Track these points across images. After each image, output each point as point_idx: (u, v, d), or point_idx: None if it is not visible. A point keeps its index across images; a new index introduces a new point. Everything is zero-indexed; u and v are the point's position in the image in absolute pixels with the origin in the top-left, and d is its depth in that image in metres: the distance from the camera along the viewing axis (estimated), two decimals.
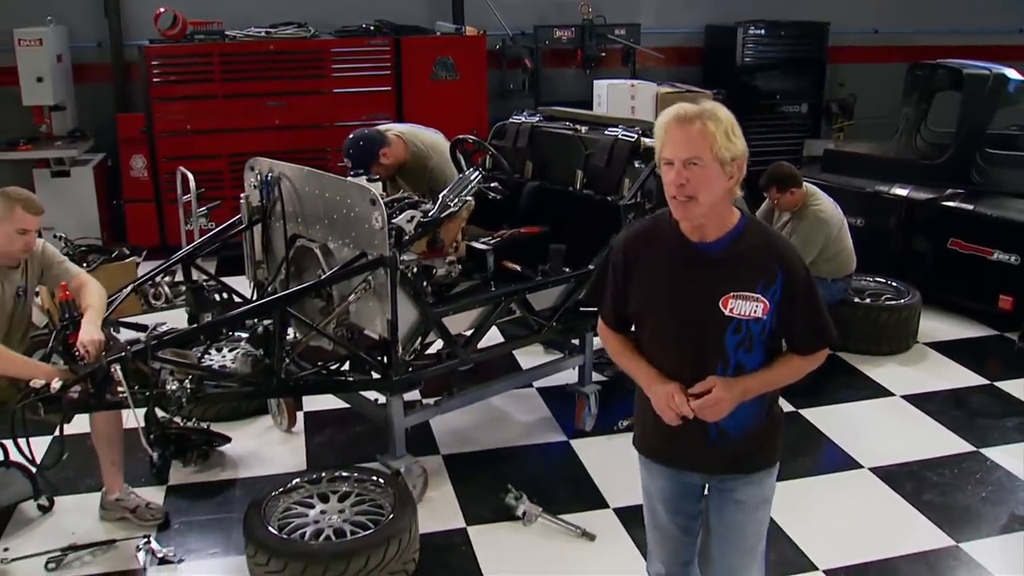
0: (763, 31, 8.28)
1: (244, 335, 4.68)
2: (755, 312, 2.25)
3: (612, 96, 7.07)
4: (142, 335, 3.35)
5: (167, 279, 5.54)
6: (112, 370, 3.13)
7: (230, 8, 7.27)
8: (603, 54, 8.04)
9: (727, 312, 2.25)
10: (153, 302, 5.54)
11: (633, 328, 2.49)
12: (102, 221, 7.08)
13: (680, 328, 2.32)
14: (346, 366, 3.79)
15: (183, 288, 5.75)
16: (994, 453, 4.29)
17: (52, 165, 6.86)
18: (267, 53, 6.91)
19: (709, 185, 2.18)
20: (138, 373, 3.28)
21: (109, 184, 7.33)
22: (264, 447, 4.39)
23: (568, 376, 4.65)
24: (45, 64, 6.66)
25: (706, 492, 2.52)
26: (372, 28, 7.21)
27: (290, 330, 3.83)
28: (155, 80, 6.77)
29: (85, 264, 4.05)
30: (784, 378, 2.39)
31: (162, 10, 6.76)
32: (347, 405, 4.39)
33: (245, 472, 4.18)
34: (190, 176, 5.36)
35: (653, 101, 7.02)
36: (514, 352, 5.14)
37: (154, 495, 3.91)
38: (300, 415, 4.57)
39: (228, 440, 4.25)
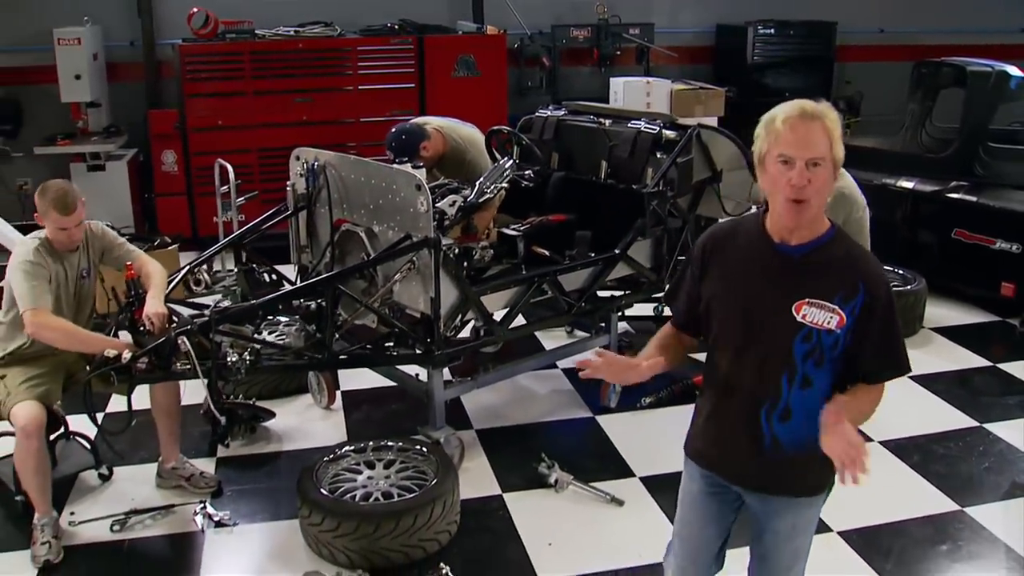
0: (772, 30, 8.54)
1: (283, 319, 4.96)
2: (829, 323, 2.15)
3: (628, 93, 7.30)
4: (204, 311, 3.58)
5: (204, 267, 5.77)
6: (180, 341, 3.38)
7: (259, 8, 7.53)
8: (618, 52, 8.30)
9: (799, 317, 2.16)
10: (194, 288, 5.79)
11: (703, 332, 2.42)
12: (135, 213, 7.35)
13: (747, 329, 2.24)
14: (389, 343, 4.02)
15: (220, 275, 6.04)
16: (996, 428, 4.53)
17: (88, 159, 7.12)
18: (295, 51, 7.15)
19: (826, 187, 2.11)
20: (199, 347, 3.53)
21: (141, 178, 7.59)
22: (306, 423, 4.64)
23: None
24: (83, 62, 6.91)
25: (744, 507, 2.47)
26: (396, 27, 7.46)
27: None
28: (188, 77, 7.01)
29: None
30: (869, 409, 2.24)
31: (195, 10, 7.02)
32: (383, 384, 4.68)
33: (289, 445, 4.42)
34: (229, 168, 5.60)
35: (668, 98, 7.27)
36: (539, 336, 5.41)
37: (206, 465, 4.15)
38: (338, 393, 4.82)
39: (273, 415, 4.48)
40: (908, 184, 6.35)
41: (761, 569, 2.49)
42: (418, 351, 3.89)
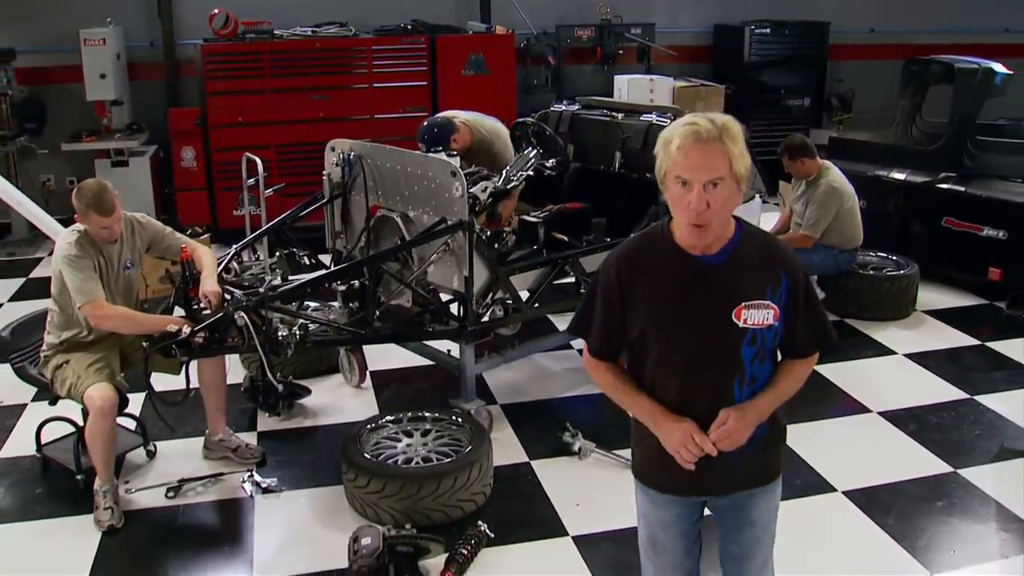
0: (768, 30, 8.85)
1: (312, 304, 5.22)
2: (767, 319, 2.18)
3: (632, 90, 7.60)
4: (257, 289, 3.86)
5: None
6: (237, 316, 3.65)
7: (276, 9, 7.79)
8: (620, 52, 8.59)
9: (741, 323, 2.17)
10: (224, 275, 6.02)
11: (629, 358, 2.35)
12: (156, 207, 7.60)
13: (694, 347, 2.21)
14: (423, 320, 4.31)
15: (247, 264, 6.27)
16: (986, 400, 4.86)
17: (112, 156, 7.37)
18: (313, 51, 7.42)
19: (728, 206, 2.11)
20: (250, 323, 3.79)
21: (161, 174, 7.85)
22: (338, 400, 4.91)
23: None
24: (108, 62, 7.17)
25: (706, 513, 2.48)
26: (409, 27, 7.74)
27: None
28: (210, 76, 7.27)
29: None
30: (792, 390, 2.30)
31: (216, 11, 7.28)
32: (409, 364, 4.97)
33: (325, 420, 4.70)
34: (258, 160, 5.84)
35: (670, 94, 7.57)
36: (552, 319, 5.71)
37: (247, 439, 4.40)
38: (367, 373, 5.09)
39: (309, 392, 4.75)
40: (900, 176, 6.67)
41: (745, 569, 2.48)
42: (452, 326, 4.17)
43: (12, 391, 4.90)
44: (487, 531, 3.60)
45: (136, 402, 4.24)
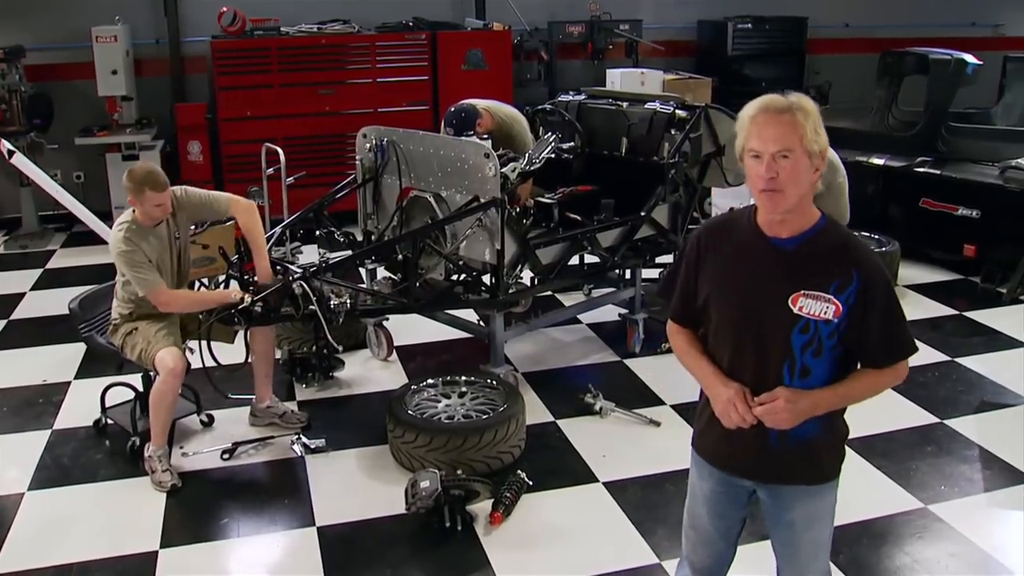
0: (750, 25, 9.25)
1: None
2: (825, 313, 2.18)
3: (624, 82, 7.96)
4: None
5: None
6: (296, 285, 3.96)
7: (281, 7, 8.05)
8: (610, 47, 8.93)
9: (795, 310, 2.19)
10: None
11: (702, 328, 2.43)
12: None
13: (746, 323, 2.27)
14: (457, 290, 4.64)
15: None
16: (965, 361, 5.32)
17: (123, 150, 7.59)
18: (319, 47, 7.73)
19: (798, 178, 2.13)
20: (302, 296, 4.10)
21: (168, 167, 8.06)
22: (369, 372, 5.23)
23: (606, 313, 5.62)
24: (119, 59, 7.40)
25: (756, 499, 2.48)
26: (410, 24, 8.05)
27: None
28: (220, 71, 7.53)
29: (195, 227, 4.72)
30: (859, 394, 2.29)
31: (224, 9, 7.54)
32: (433, 339, 5.32)
33: (358, 390, 5.02)
34: (280, 151, 6.14)
35: (660, 87, 7.95)
36: (559, 298, 6.08)
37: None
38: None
39: (343, 364, 5.07)
40: (879, 160, 7.11)
41: (783, 567, 2.50)
42: (484, 297, 4.51)
43: (57, 369, 5.19)
44: (525, 478, 3.93)
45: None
